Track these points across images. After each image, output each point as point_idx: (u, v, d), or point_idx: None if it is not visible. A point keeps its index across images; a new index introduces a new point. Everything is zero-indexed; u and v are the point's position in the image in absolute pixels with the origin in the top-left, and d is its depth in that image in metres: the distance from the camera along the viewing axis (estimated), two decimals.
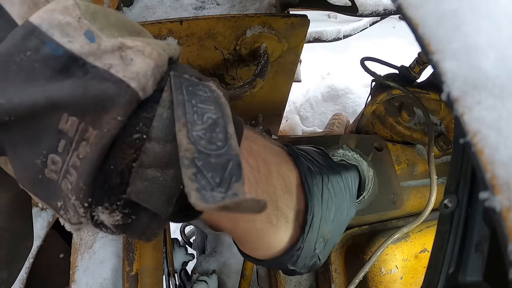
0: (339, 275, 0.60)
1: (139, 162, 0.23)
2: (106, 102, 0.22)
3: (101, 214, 0.23)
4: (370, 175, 0.56)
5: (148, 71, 0.23)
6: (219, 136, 0.23)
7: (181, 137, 0.22)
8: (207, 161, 0.22)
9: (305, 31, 0.65)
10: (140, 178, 0.23)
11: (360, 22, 1.51)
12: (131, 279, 0.53)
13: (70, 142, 0.22)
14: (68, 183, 0.22)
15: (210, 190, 0.21)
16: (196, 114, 0.23)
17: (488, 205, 0.18)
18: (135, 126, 0.23)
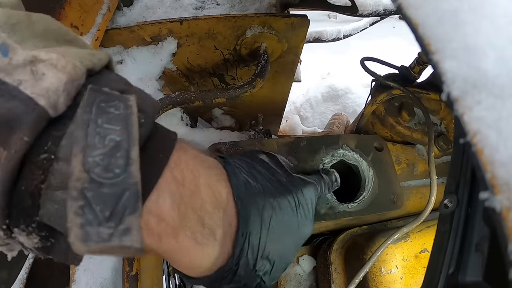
0: (339, 275, 0.60)
1: (47, 184, 0.21)
2: (12, 122, 0.20)
3: (19, 236, 0.22)
4: (370, 175, 0.56)
5: (60, 87, 0.22)
6: (118, 162, 0.21)
7: (75, 163, 0.20)
8: (99, 191, 0.20)
9: (305, 31, 0.65)
10: (50, 200, 0.21)
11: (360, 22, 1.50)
12: (131, 279, 0.53)
13: None
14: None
15: (97, 225, 0.20)
16: (98, 136, 0.22)
17: (488, 205, 0.18)
18: (43, 145, 0.22)
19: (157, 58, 0.67)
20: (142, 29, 0.62)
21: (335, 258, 0.60)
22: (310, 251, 0.68)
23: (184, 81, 0.78)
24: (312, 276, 0.66)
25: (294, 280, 0.65)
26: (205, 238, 0.30)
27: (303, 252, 0.67)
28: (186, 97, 0.56)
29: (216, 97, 0.57)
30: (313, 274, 0.66)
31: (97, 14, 0.57)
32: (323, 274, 0.62)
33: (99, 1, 0.57)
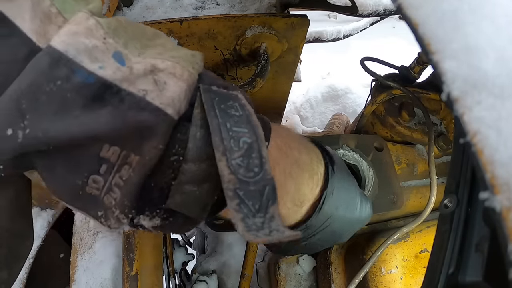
0: (339, 275, 0.60)
1: (178, 181, 0.24)
2: (145, 132, 0.22)
3: (141, 220, 0.25)
4: (370, 175, 0.56)
5: (182, 94, 0.24)
6: (255, 162, 0.24)
7: (222, 167, 0.23)
8: (247, 189, 0.23)
9: (305, 31, 0.65)
10: (178, 193, 0.24)
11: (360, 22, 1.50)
12: (131, 279, 0.53)
13: (112, 166, 0.23)
14: (111, 199, 0.23)
15: (252, 217, 0.23)
16: (233, 139, 0.24)
17: (488, 205, 0.18)
18: (171, 149, 0.24)
19: None
20: None
21: (335, 258, 0.60)
22: None
23: None
24: (312, 276, 0.66)
25: (294, 280, 0.65)
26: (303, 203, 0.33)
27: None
28: None
29: None
30: (313, 274, 0.66)
31: None
32: (323, 274, 0.62)
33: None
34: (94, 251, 0.59)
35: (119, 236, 0.59)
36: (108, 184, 0.23)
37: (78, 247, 0.60)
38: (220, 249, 0.82)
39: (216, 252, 0.82)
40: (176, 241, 0.80)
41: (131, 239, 0.54)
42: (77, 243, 0.60)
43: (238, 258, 0.80)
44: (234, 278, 0.78)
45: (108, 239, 0.60)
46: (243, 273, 0.65)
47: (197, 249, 1.09)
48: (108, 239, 0.60)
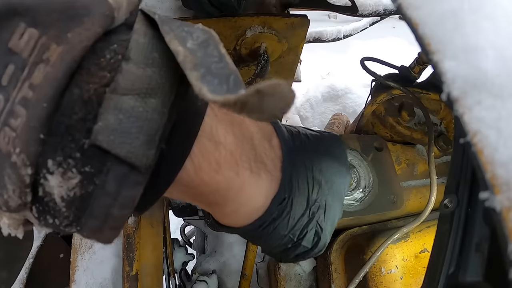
0: (339, 275, 0.60)
1: (114, 85, 0.17)
2: (79, 10, 0.17)
3: (51, 177, 0.17)
4: (370, 175, 0.57)
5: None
6: (214, 52, 0.19)
7: (175, 46, 0.18)
8: (210, 69, 0.18)
9: (305, 31, 0.65)
10: (113, 108, 0.17)
11: (360, 22, 1.50)
12: (131, 279, 0.53)
13: (21, 67, 0.16)
14: (10, 132, 0.16)
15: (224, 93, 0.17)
16: (184, 31, 0.19)
17: (488, 205, 0.18)
18: (108, 46, 0.18)
19: None
20: None
21: (335, 258, 0.60)
22: None
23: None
24: (312, 276, 0.66)
25: (294, 280, 0.65)
26: (259, 168, 0.28)
27: None
28: None
29: None
30: (313, 274, 0.66)
31: None
32: (323, 274, 0.62)
33: None
34: (94, 251, 0.59)
35: (119, 236, 0.59)
36: (10, 105, 0.16)
37: (78, 247, 0.60)
38: (220, 249, 0.82)
39: (216, 252, 0.82)
40: (176, 241, 0.80)
41: (131, 239, 0.55)
42: (77, 243, 0.60)
43: (238, 258, 0.80)
44: (234, 278, 0.78)
45: None
46: (243, 273, 0.65)
47: (197, 249, 1.09)
48: None
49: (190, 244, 1.12)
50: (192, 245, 1.12)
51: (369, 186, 0.56)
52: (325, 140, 0.37)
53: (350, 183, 0.39)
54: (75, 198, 0.17)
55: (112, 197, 0.18)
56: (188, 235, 1.23)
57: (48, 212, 0.18)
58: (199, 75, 0.17)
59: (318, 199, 0.34)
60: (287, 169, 0.31)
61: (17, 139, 0.16)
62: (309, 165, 0.33)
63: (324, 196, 0.34)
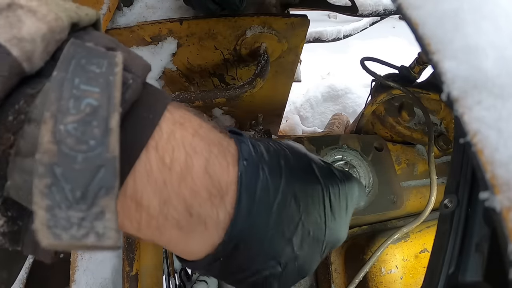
0: (339, 275, 0.60)
1: (16, 149, 0.18)
2: None
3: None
4: (370, 175, 0.57)
5: (37, 37, 0.19)
6: (94, 131, 0.18)
7: (44, 132, 0.17)
8: (70, 167, 0.17)
9: (305, 31, 0.65)
10: (18, 170, 0.18)
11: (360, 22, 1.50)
12: (131, 279, 0.53)
13: None
14: None
15: (66, 208, 0.17)
16: (73, 99, 0.18)
17: (488, 205, 0.18)
18: (14, 104, 0.18)
19: (157, 58, 0.67)
20: (142, 29, 0.62)
21: (335, 258, 0.60)
22: None
23: (184, 81, 0.78)
24: (312, 276, 0.66)
25: None
26: (192, 228, 0.26)
27: None
28: (186, 97, 0.56)
29: (216, 97, 0.57)
30: (313, 274, 0.66)
31: None
32: (323, 274, 0.62)
33: (99, 1, 0.57)
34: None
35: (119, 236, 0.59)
36: None
37: None
38: None
39: None
40: None
41: (131, 239, 0.55)
42: None
43: None
44: None
45: None
46: None
47: None
48: None
49: None
50: None
51: (369, 186, 0.56)
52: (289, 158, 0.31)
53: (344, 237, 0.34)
54: (5, 233, 0.20)
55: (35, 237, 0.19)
56: None
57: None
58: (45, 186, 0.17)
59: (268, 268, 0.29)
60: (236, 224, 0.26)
61: None
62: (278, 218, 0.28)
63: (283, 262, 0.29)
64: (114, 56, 0.20)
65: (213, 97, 0.57)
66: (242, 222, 0.27)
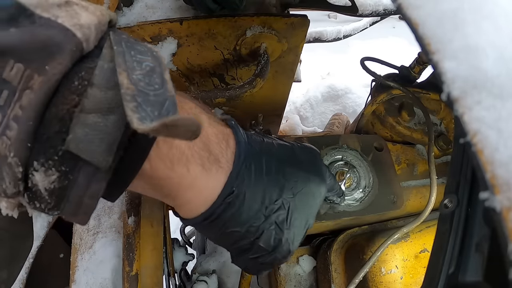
0: (339, 275, 0.60)
1: (81, 107, 0.23)
2: (53, 47, 0.22)
3: (36, 173, 0.23)
4: (370, 175, 0.57)
5: (92, 25, 0.24)
6: (156, 80, 0.24)
7: (122, 78, 0.23)
8: (146, 98, 0.23)
9: (305, 31, 0.65)
10: (80, 124, 0.22)
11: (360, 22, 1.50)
12: (131, 279, 0.53)
13: (13, 91, 0.21)
14: (6, 140, 0.22)
15: (150, 120, 0.22)
16: (135, 62, 0.24)
17: (488, 205, 0.18)
18: (77, 73, 0.23)
19: None
20: (142, 29, 0.62)
21: (335, 258, 0.60)
22: (310, 251, 0.68)
23: (184, 81, 0.78)
24: (312, 276, 0.66)
25: (294, 280, 0.65)
26: (211, 164, 0.32)
27: (303, 252, 0.67)
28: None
29: (216, 97, 0.57)
30: (313, 274, 0.66)
31: None
32: (323, 274, 0.62)
33: (99, 1, 0.57)
34: (94, 251, 0.59)
35: (119, 236, 0.59)
36: (6, 119, 0.21)
37: (78, 247, 0.60)
38: (220, 249, 0.82)
39: (216, 252, 0.82)
40: (176, 241, 0.80)
41: (131, 239, 0.55)
42: (77, 243, 0.60)
43: None
44: (234, 278, 0.78)
45: (108, 239, 0.60)
46: (243, 273, 0.65)
47: (197, 249, 1.09)
48: (108, 239, 0.60)
49: (190, 244, 1.12)
50: (192, 245, 1.12)
51: (369, 186, 0.56)
52: (295, 149, 0.40)
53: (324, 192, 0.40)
54: (55, 189, 0.23)
55: (83, 189, 0.24)
56: (188, 235, 1.23)
57: (36, 199, 0.24)
58: (134, 106, 0.22)
59: (277, 201, 0.36)
60: (238, 164, 0.34)
61: (12, 146, 0.22)
62: (268, 167, 0.36)
63: (286, 199, 0.36)
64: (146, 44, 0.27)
65: (213, 97, 0.57)
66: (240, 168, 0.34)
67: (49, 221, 0.77)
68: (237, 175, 0.34)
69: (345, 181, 0.54)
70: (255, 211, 0.34)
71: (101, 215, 0.61)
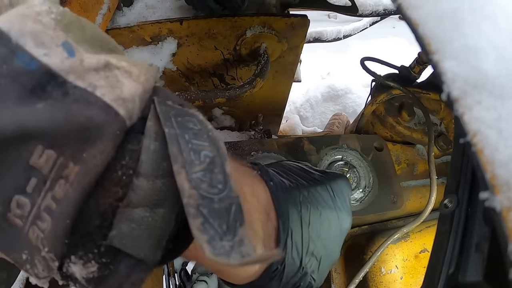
0: (339, 275, 0.60)
1: (127, 201, 0.20)
2: (92, 131, 0.18)
3: (73, 265, 0.20)
4: (370, 175, 0.57)
5: (136, 97, 0.20)
6: (218, 177, 0.21)
7: (182, 181, 0.20)
8: (212, 207, 0.20)
9: (305, 31, 0.65)
10: (126, 220, 0.20)
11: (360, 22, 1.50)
12: None
13: (43, 180, 0.18)
14: (38, 231, 0.19)
15: (219, 239, 0.20)
16: (193, 151, 0.21)
17: (488, 205, 0.18)
18: (120, 160, 0.20)
19: (157, 58, 0.67)
20: (142, 29, 0.62)
21: None
22: None
23: (184, 81, 0.78)
24: None
25: None
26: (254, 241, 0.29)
27: None
28: (186, 97, 0.56)
29: (216, 97, 0.57)
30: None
31: (97, 14, 0.57)
32: None
33: (99, 1, 0.57)
34: None
35: None
36: (36, 209, 0.18)
37: None
38: None
39: None
40: None
41: None
42: None
43: None
44: None
45: None
46: None
47: None
48: None
49: None
50: None
51: (369, 186, 0.56)
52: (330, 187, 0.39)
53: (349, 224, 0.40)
54: (93, 278, 0.21)
55: (124, 278, 0.21)
56: None
57: (70, 279, 0.21)
58: (200, 223, 0.19)
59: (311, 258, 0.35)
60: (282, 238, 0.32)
61: (45, 241, 0.19)
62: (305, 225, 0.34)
63: (318, 251, 0.35)
64: (197, 114, 0.23)
65: (213, 97, 0.57)
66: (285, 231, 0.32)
67: None
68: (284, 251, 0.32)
69: None
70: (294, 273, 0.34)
71: None
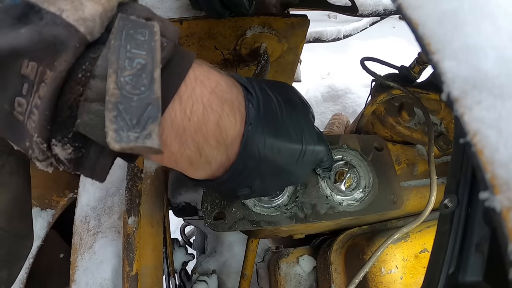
0: (339, 275, 0.60)
1: (84, 97, 0.26)
2: (58, 46, 0.24)
3: (55, 147, 0.27)
4: (370, 175, 0.57)
5: (96, 16, 0.26)
6: (143, 81, 0.26)
7: (110, 82, 0.25)
8: (129, 104, 0.25)
9: (305, 31, 0.65)
10: (85, 111, 0.26)
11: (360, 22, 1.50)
12: (131, 279, 0.53)
13: (32, 84, 0.25)
14: (32, 122, 0.26)
15: (127, 130, 0.25)
16: (128, 59, 0.26)
17: (488, 205, 0.18)
18: (81, 64, 0.26)
19: None
20: None
21: (335, 258, 0.60)
22: (310, 251, 0.68)
23: None
24: (312, 276, 0.66)
25: (294, 280, 0.65)
26: (200, 165, 0.34)
27: (303, 252, 0.67)
28: None
29: None
30: (313, 274, 0.66)
31: None
32: (323, 274, 0.62)
33: None
34: (94, 251, 0.59)
35: (119, 236, 0.59)
36: (30, 106, 0.25)
37: (78, 247, 0.60)
38: (220, 249, 0.82)
39: (216, 252, 0.82)
40: (176, 241, 0.80)
41: (131, 239, 0.54)
42: (77, 243, 0.60)
43: (238, 258, 0.80)
44: (234, 278, 0.78)
45: (108, 239, 0.60)
46: (243, 273, 0.65)
47: (197, 249, 1.09)
48: (108, 239, 0.60)
49: (190, 244, 1.12)
50: (192, 245, 1.12)
51: (369, 186, 0.56)
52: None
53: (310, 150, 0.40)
54: (72, 158, 0.28)
55: (94, 161, 0.28)
56: (188, 235, 1.23)
57: (60, 163, 0.28)
58: (113, 116, 0.24)
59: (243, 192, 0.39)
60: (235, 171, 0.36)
61: (35, 129, 0.26)
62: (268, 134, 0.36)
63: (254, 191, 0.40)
64: (153, 26, 0.28)
65: None
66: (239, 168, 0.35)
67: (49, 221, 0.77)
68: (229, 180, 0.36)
69: (345, 181, 0.54)
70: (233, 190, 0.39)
71: (101, 215, 0.61)
